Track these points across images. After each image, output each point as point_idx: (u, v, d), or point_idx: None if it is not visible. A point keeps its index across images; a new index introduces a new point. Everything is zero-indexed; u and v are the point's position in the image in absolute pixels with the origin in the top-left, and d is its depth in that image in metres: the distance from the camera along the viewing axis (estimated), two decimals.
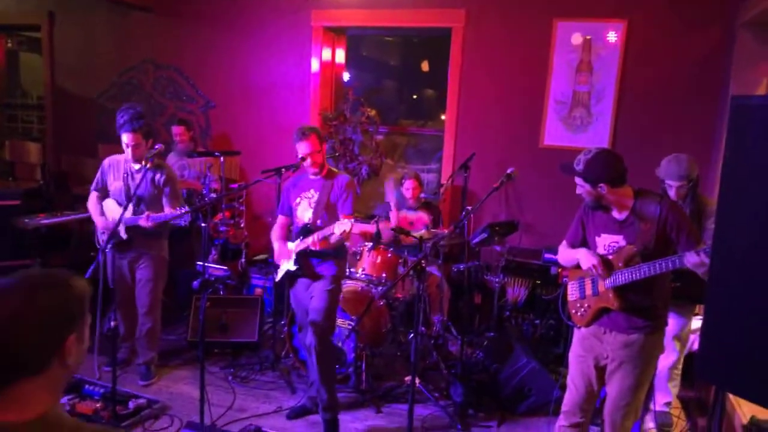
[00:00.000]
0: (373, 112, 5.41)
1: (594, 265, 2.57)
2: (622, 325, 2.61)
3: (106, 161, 3.86)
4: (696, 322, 3.56)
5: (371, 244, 4.25)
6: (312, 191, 3.41)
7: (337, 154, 5.20)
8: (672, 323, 3.45)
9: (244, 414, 3.58)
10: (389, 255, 4.24)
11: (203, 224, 3.17)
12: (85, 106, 6.24)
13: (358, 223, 3.11)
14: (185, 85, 5.95)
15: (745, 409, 2.90)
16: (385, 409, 3.72)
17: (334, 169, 3.50)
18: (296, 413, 3.59)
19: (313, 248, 3.26)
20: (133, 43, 6.05)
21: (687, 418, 3.71)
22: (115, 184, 3.80)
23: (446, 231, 4.11)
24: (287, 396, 3.83)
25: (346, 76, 6.04)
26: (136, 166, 3.74)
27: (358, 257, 4.34)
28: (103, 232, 3.82)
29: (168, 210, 3.68)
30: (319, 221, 3.34)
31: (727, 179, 1.32)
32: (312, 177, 3.43)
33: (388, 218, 4.71)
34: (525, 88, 4.94)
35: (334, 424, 3.40)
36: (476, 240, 4.29)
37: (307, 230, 3.33)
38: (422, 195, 4.76)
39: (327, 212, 3.35)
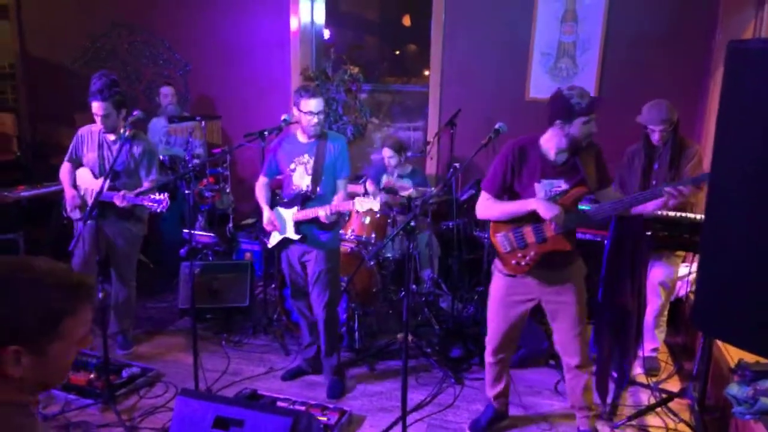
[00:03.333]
0: (356, 70, 5.30)
1: (557, 214, 2.56)
2: (558, 262, 2.69)
3: (81, 131, 3.73)
4: (683, 269, 3.61)
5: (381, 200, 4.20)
6: (306, 156, 3.27)
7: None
8: (658, 271, 3.51)
9: (238, 377, 3.60)
10: (377, 215, 4.22)
11: (187, 191, 3.10)
12: (59, 73, 6.04)
13: (364, 198, 3.08)
14: (161, 49, 5.77)
15: (732, 354, 2.96)
16: (378, 367, 3.76)
17: (325, 131, 3.37)
18: (291, 374, 3.62)
19: (324, 221, 3.18)
20: (104, 6, 5.82)
21: (674, 362, 3.80)
22: (89, 156, 3.67)
23: (434, 189, 4.09)
24: (281, 358, 3.85)
25: (326, 34, 5.88)
26: (112, 137, 3.63)
27: (347, 218, 4.31)
28: (72, 208, 3.68)
29: (146, 184, 3.57)
30: (319, 189, 3.25)
31: (723, 124, 1.29)
32: (303, 140, 3.28)
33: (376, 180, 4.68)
34: (509, 40, 4.84)
35: (342, 383, 3.48)
36: (464, 197, 4.27)
37: (306, 198, 3.25)
38: (409, 154, 4.69)
39: (326, 179, 3.26)
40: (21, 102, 6.26)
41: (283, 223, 3.35)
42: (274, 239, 3.41)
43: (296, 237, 3.29)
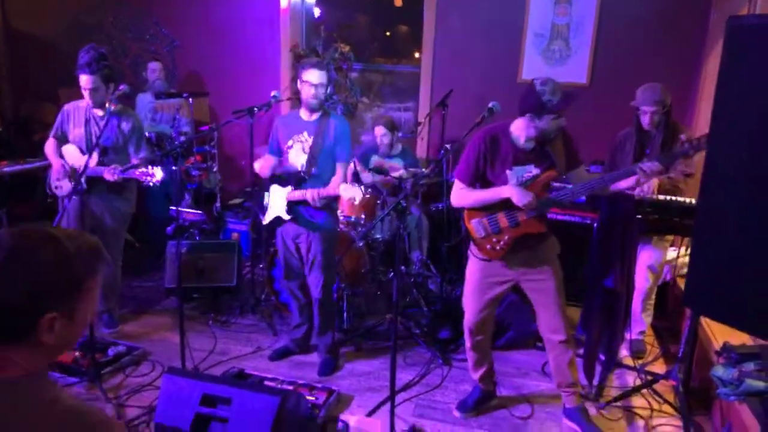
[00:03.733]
0: (346, 48, 5.22)
1: (530, 201, 2.58)
2: (531, 243, 2.73)
3: (67, 107, 3.65)
4: (671, 253, 3.63)
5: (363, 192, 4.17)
6: (305, 134, 3.19)
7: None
8: (647, 255, 3.53)
9: (225, 357, 3.58)
10: (367, 196, 4.19)
11: (174, 167, 3.05)
12: (43, 48, 5.90)
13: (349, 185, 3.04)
14: (148, 24, 5.65)
15: (717, 336, 2.98)
16: (366, 347, 3.76)
17: (328, 111, 3.28)
18: (279, 354, 3.60)
19: (312, 204, 3.13)
20: None
21: (660, 345, 3.84)
22: (75, 131, 3.59)
23: (425, 170, 4.06)
24: (269, 338, 3.84)
25: (316, 12, 5.79)
26: (100, 113, 3.55)
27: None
28: (58, 179, 3.62)
29: (134, 160, 3.51)
30: (314, 169, 3.18)
31: (721, 99, 1.28)
32: (305, 118, 3.21)
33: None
34: (503, 21, 4.80)
35: (334, 362, 3.50)
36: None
37: (300, 179, 3.19)
38: (400, 134, 4.65)
39: (323, 160, 3.19)
40: (3, 77, 6.12)
41: (276, 201, 3.30)
42: (269, 216, 3.36)
43: (287, 217, 3.25)
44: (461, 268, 4.61)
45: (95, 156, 3.41)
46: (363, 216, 4.13)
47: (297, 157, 3.23)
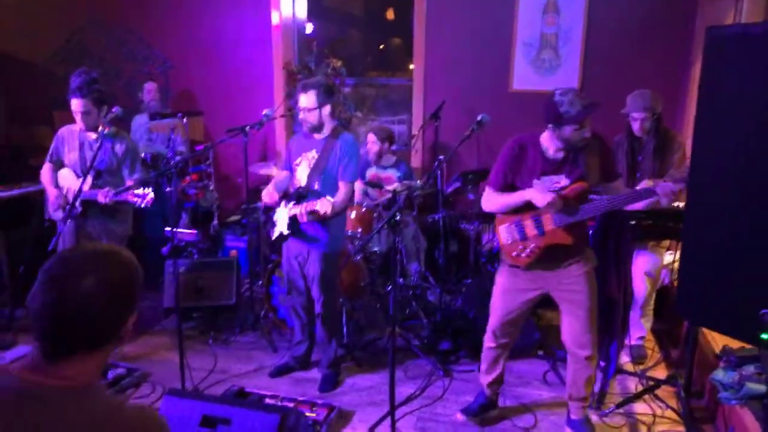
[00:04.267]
0: (338, 63, 5.26)
1: (554, 201, 2.56)
2: (561, 255, 2.71)
3: (61, 131, 3.67)
4: (667, 257, 3.64)
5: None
6: (314, 152, 3.23)
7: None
8: (643, 260, 3.53)
9: (226, 375, 3.57)
10: (363, 210, 4.20)
11: (168, 189, 3.06)
12: (35, 72, 5.93)
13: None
14: (139, 46, 5.68)
15: (717, 340, 2.98)
16: (367, 361, 3.75)
17: (340, 129, 3.29)
18: (279, 371, 3.60)
19: (300, 220, 3.10)
20: (79, 3, 5.71)
21: (660, 349, 3.83)
22: (70, 156, 3.61)
23: (419, 182, 4.07)
24: (269, 355, 3.83)
25: (309, 28, 5.83)
26: (93, 136, 3.56)
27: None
28: (56, 208, 3.61)
29: (129, 183, 3.52)
30: (315, 185, 3.19)
31: (703, 109, 1.29)
32: (316, 136, 3.25)
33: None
34: (492, 32, 4.84)
35: (336, 378, 3.49)
36: (450, 189, 4.26)
37: (300, 195, 3.20)
38: (391, 148, 4.67)
39: (324, 176, 3.19)
40: None
41: (281, 217, 3.31)
42: (275, 233, 3.37)
43: (287, 232, 3.26)
44: (460, 279, 4.63)
45: (89, 179, 3.41)
46: (360, 229, 4.13)
47: (302, 174, 3.27)
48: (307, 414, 3.03)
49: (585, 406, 2.93)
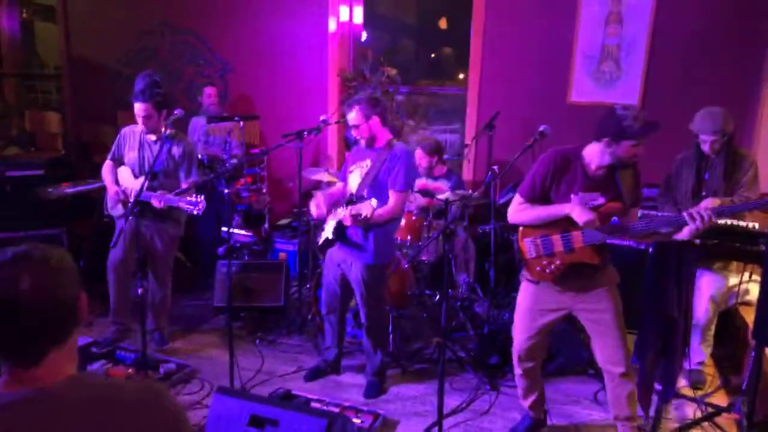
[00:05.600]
0: (393, 72, 5.28)
1: (592, 220, 2.51)
2: (586, 273, 2.64)
3: (123, 130, 3.80)
4: (733, 280, 3.47)
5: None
6: (368, 161, 3.27)
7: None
8: (708, 282, 3.39)
9: (272, 377, 3.60)
10: (414, 218, 4.18)
11: (226, 190, 3.12)
12: (103, 73, 6.18)
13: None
14: (202, 49, 5.85)
15: None
16: (413, 371, 3.72)
17: (395, 140, 3.31)
18: (313, 374, 3.62)
19: (345, 223, 3.12)
20: (147, 6, 5.94)
21: (720, 376, 3.66)
22: (130, 155, 3.72)
23: (474, 193, 4.03)
24: (315, 358, 3.84)
25: (363, 36, 5.88)
26: (153, 137, 3.66)
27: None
28: (115, 203, 3.73)
29: (184, 185, 3.59)
30: (365, 192, 3.22)
31: None
32: (371, 147, 3.29)
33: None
34: (551, 42, 4.76)
35: (381, 385, 3.48)
36: (502, 200, 4.20)
37: (349, 201, 3.22)
38: (446, 156, 4.64)
39: (374, 184, 3.21)
40: (66, 102, 6.44)
41: (329, 223, 3.34)
42: (321, 237, 3.42)
43: (330, 235, 3.28)
44: (509, 292, 4.54)
45: (146, 181, 3.52)
46: (409, 238, 4.12)
47: (354, 182, 3.30)
48: (353, 420, 3.02)
49: (634, 426, 2.82)
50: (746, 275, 3.29)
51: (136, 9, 5.98)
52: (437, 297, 4.29)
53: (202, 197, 3.27)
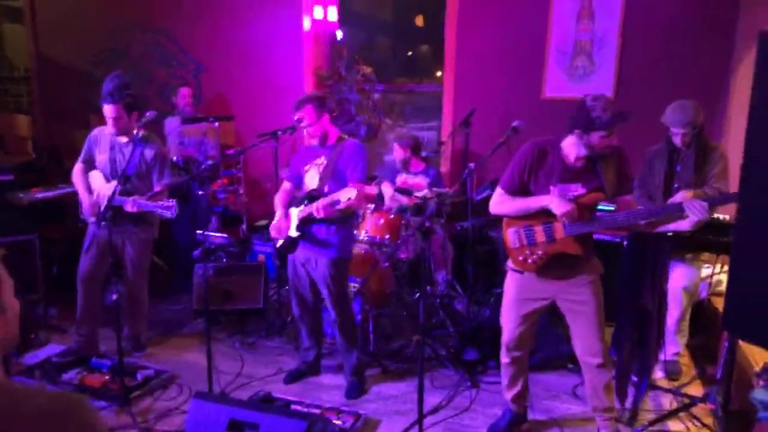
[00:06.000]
0: (369, 70, 5.27)
1: (570, 212, 2.53)
2: (568, 264, 2.67)
3: (93, 132, 3.71)
4: (705, 271, 3.53)
5: (374, 206, 4.19)
6: (322, 158, 3.30)
7: (333, 114, 5.06)
8: (680, 274, 3.44)
9: (252, 380, 3.57)
10: (392, 216, 4.18)
11: (200, 192, 3.08)
12: (73, 75, 6.07)
13: (362, 189, 3.04)
14: (174, 50, 5.78)
15: (756, 357, 2.88)
16: (393, 369, 3.72)
17: (344, 136, 3.38)
18: (293, 377, 3.59)
19: (316, 215, 3.13)
20: (117, 7, 5.84)
21: (696, 366, 3.72)
22: (101, 157, 3.64)
23: (449, 190, 4.03)
24: (295, 360, 3.82)
25: (339, 34, 5.86)
26: (124, 139, 3.58)
27: (360, 220, 4.27)
28: (91, 215, 3.62)
29: (157, 188, 3.51)
30: (326, 188, 3.23)
31: (756, 116, 1.24)
32: (323, 145, 3.31)
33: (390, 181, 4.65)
34: (525, 38, 4.79)
35: (361, 385, 3.46)
36: (479, 197, 4.22)
37: (312, 197, 3.23)
38: (423, 154, 4.65)
39: (334, 179, 3.24)
40: (36, 104, 6.30)
41: (290, 224, 3.33)
42: (279, 240, 3.40)
43: (296, 234, 3.27)
44: (488, 288, 4.56)
45: (117, 185, 3.42)
46: (387, 236, 4.11)
47: (312, 179, 3.31)
48: (334, 421, 3.02)
49: (612, 417, 2.86)
50: (718, 266, 3.35)
51: (106, 9, 5.88)
52: (417, 295, 4.29)
53: (174, 201, 3.22)
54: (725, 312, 1.39)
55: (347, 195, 2.95)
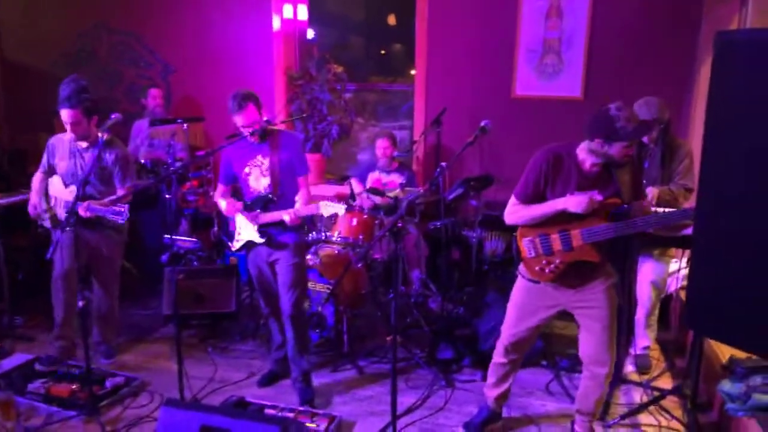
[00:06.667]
0: (339, 69, 5.24)
1: (588, 203, 2.46)
2: (585, 272, 2.64)
3: (51, 140, 3.61)
4: (673, 265, 3.59)
5: (346, 206, 4.16)
6: (260, 157, 3.19)
7: (304, 114, 5.03)
8: (648, 269, 3.49)
9: (225, 384, 3.53)
10: (365, 216, 4.16)
11: (167, 195, 3.02)
12: (38, 78, 5.91)
13: (328, 203, 3.02)
14: (142, 51, 5.67)
15: (723, 350, 2.94)
16: (368, 370, 3.71)
17: (273, 128, 3.27)
18: (267, 380, 3.56)
19: (290, 224, 3.09)
20: (82, 8, 5.71)
21: (665, 359, 3.78)
22: (61, 165, 3.54)
23: (421, 189, 4.04)
24: (269, 363, 3.78)
25: (310, 34, 5.81)
26: (84, 144, 3.50)
27: (333, 221, 4.25)
28: (34, 216, 3.62)
29: (120, 192, 3.46)
30: (280, 189, 3.18)
31: (713, 118, 1.25)
32: (255, 142, 3.19)
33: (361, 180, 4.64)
34: (494, 37, 4.81)
35: (312, 390, 3.41)
36: (452, 196, 4.23)
37: (267, 200, 3.18)
38: (395, 154, 4.67)
39: (284, 178, 3.18)
40: None
41: (246, 227, 3.28)
42: (238, 243, 3.34)
43: (261, 240, 3.22)
44: (462, 287, 4.58)
45: (74, 189, 3.39)
46: (361, 236, 4.09)
47: (258, 182, 3.22)
48: (308, 425, 2.99)
49: (591, 421, 2.89)
50: (685, 261, 3.40)
51: (71, 11, 5.74)
52: (391, 295, 4.28)
53: (126, 207, 3.16)
54: (687, 309, 1.40)
55: (331, 211, 2.94)
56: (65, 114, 3.36)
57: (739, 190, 1.21)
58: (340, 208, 2.99)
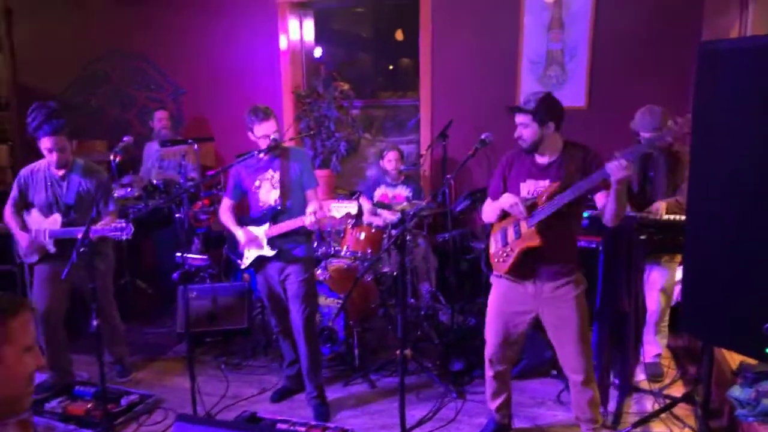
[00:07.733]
0: (346, 86, 5.31)
1: (515, 203, 2.64)
2: (549, 272, 2.68)
3: (22, 174, 3.52)
4: (680, 272, 3.58)
5: (354, 221, 4.21)
6: (271, 171, 3.26)
7: (312, 132, 5.11)
8: (656, 276, 3.48)
9: (238, 400, 3.56)
10: (373, 230, 4.20)
11: (177, 215, 3.08)
12: (53, 102, 6.06)
13: (339, 203, 3.06)
14: (153, 74, 5.81)
15: (734, 356, 2.92)
16: (379, 384, 3.73)
17: (282, 145, 3.35)
18: (280, 395, 3.58)
19: (310, 227, 3.12)
20: (96, 33, 5.87)
21: (677, 366, 3.76)
22: (38, 197, 3.47)
23: (426, 202, 4.07)
24: (281, 378, 3.81)
25: (318, 52, 5.91)
26: (61, 172, 3.44)
27: (341, 235, 4.30)
28: (31, 252, 3.49)
29: (106, 218, 3.41)
30: (289, 202, 3.23)
31: (698, 127, 1.28)
32: (265, 157, 3.26)
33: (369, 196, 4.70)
34: (497, 50, 4.86)
35: (327, 406, 3.42)
36: (459, 208, 4.26)
37: (277, 212, 3.23)
38: (402, 167, 4.72)
39: (294, 191, 3.25)
40: (14, 133, 6.28)
41: (257, 242, 3.32)
42: (248, 259, 3.36)
43: (272, 253, 3.26)
44: (472, 298, 4.59)
45: (58, 218, 3.35)
46: (369, 250, 4.13)
47: (268, 194, 3.27)
48: None
49: (596, 427, 2.88)
50: None
51: (84, 36, 5.90)
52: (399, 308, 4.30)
53: (126, 222, 3.11)
54: (683, 315, 1.42)
55: (343, 211, 3.00)
56: (50, 141, 3.31)
57: (727, 195, 1.23)
58: (352, 207, 3.03)
